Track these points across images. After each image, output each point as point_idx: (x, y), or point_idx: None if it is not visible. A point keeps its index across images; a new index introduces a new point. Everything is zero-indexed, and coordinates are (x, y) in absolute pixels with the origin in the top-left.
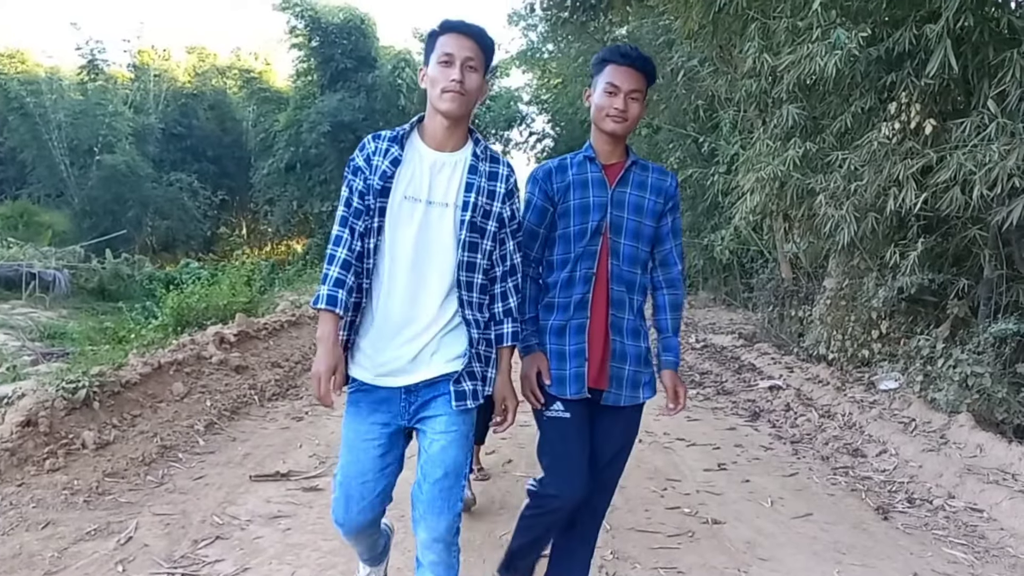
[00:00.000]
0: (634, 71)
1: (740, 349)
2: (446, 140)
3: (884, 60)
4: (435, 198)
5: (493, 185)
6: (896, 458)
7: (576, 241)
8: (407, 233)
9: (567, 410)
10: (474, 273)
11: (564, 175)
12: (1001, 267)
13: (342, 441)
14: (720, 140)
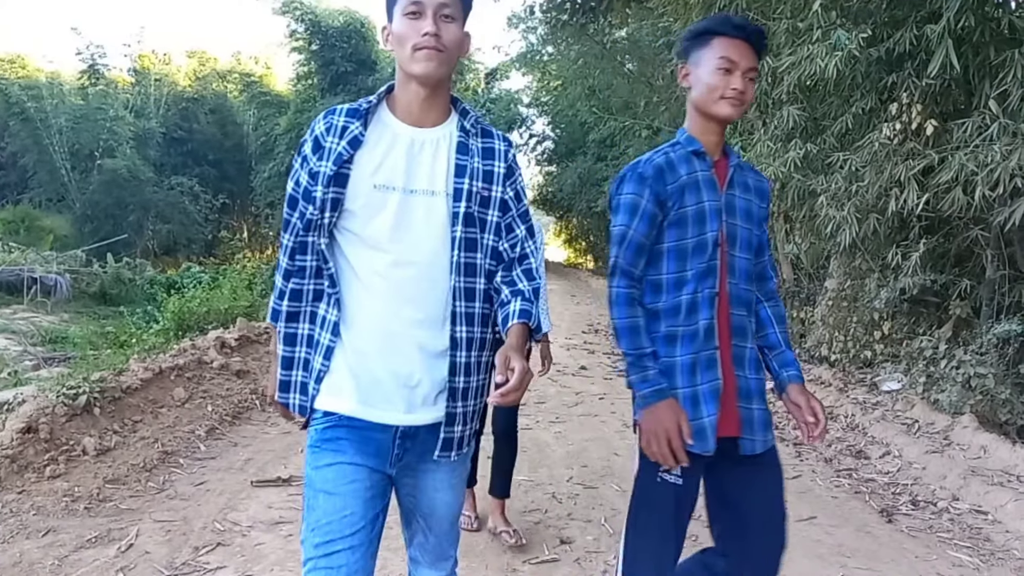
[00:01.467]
0: (749, 46)
1: None
2: (424, 113)
3: (885, 61)
4: (416, 185)
5: (490, 165)
6: (899, 460)
7: (695, 256)
8: (381, 226)
9: (682, 474)
10: (475, 278)
11: (675, 173)
12: (1003, 267)
13: (311, 488)
14: None
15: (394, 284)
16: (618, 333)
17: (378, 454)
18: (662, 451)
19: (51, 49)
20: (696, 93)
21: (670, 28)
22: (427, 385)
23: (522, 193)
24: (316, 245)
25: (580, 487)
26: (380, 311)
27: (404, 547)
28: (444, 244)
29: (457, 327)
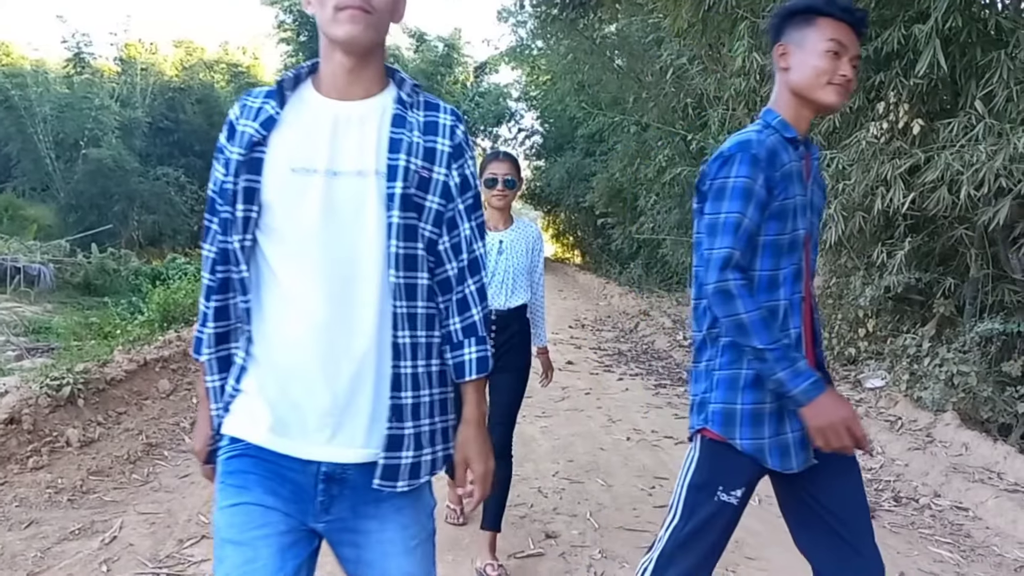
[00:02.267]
0: (853, 31)
1: None
2: (351, 84)
3: (873, 60)
4: (341, 166)
5: (432, 141)
6: (882, 457)
7: (789, 255)
8: (303, 218)
9: (742, 493)
10: (416, 272)
11: (781, 159)
12: (987, 266)
13: (217, 536)
14: (709, 138)
15: (319, 285)
16: (749, 329)
17: (296, 498)
18: (843, 443)
19: (36, 37)
20: (798, 76)
21: (659, 24)
22: (362, 410)
23: (472, 180)
24: (237, 251)
25: (566, 482)
26: (302, 318)
27: None
28: (378, 234)
29: (399, 332)
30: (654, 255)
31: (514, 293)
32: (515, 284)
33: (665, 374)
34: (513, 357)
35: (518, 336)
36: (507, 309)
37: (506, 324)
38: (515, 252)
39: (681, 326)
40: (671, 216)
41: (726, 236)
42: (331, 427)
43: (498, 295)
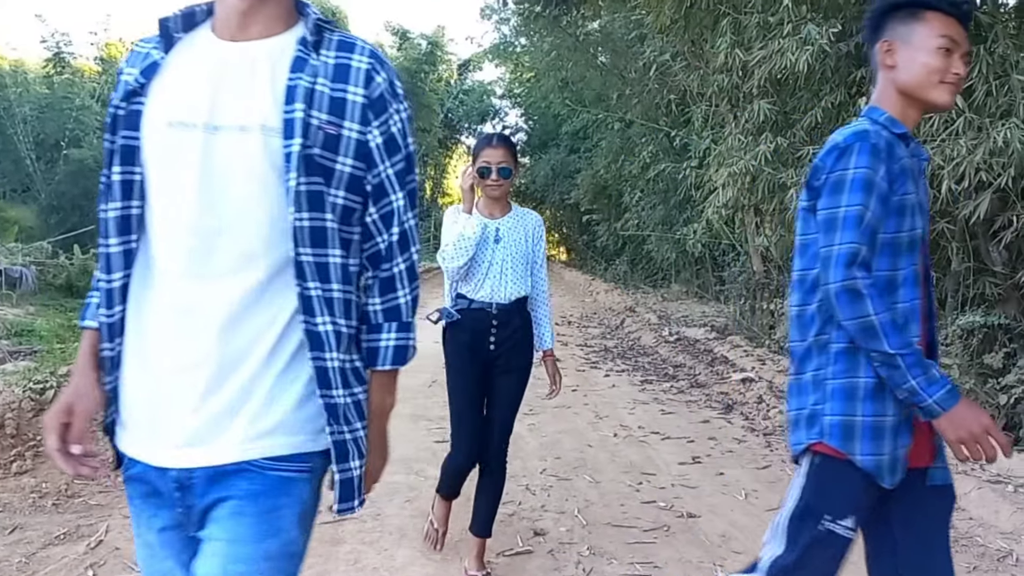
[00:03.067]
0: (960, 26)
1: (713, 342)
2: (247, 22)
3: (854, 55)
4: (223, 119)
5: (340, 90)
6: None
7: (908, 254)
8: (176, 182)
9: (853, 525)
10: (326, 248)
11: (897, 152)
12: (968, 260)
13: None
14: (692, 135)
15: (186, 264)
16: (879, 332)
17: (172, 512)
18: (989, 454)
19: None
20: (907, 75)
21: (643, 21)
22: (220, 399)
23: (402, 140)
24: (113, 222)
25: (554, 479)
26: (163, 302)
27: (379, 540)
28: (267, 202)
29: (319, 318)
30: (639, 251)
31: (514, 284)
32: (514, 274)
33: (651, 370)
34: (515, 356)
35: (520, 332)
36: (508, 302)
37: (507, 319)
38: (513, 240)
39: (666, 321)
40: (655, 212)
41: (849, 231)
42: (187, 428)
43: (497, 287)
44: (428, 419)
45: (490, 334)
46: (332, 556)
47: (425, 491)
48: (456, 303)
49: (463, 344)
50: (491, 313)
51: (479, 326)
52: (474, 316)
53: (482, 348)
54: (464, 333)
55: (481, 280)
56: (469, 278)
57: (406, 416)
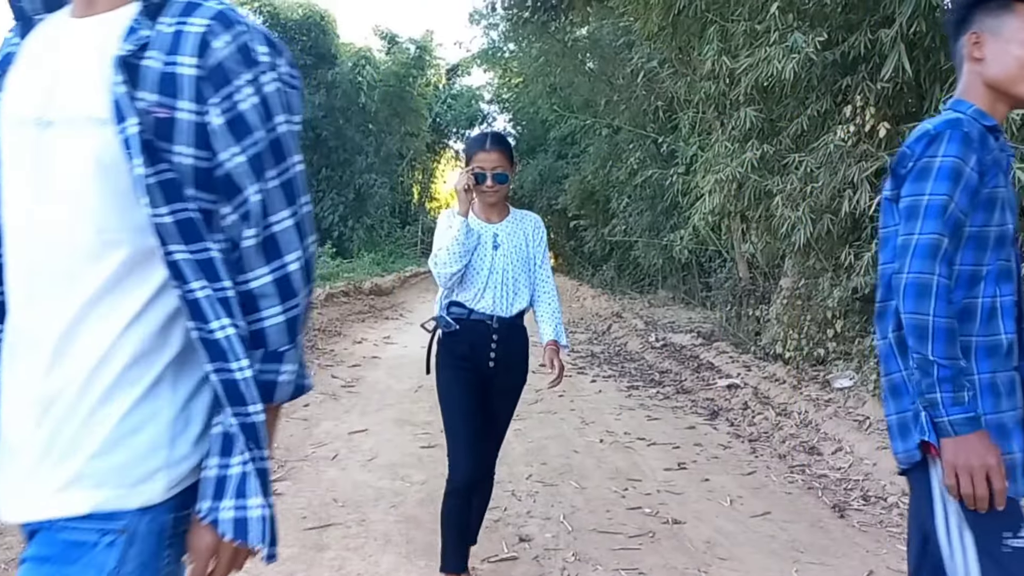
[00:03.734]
0: None
1: (699, 348)
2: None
3: (840, 64)
4: (54, 112)
5: (172, 63)
6: (851, 456)
7: (996, 249)
8: (13, 187)
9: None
10: (203, 241)
11: (989, 143)
12: None
13: None
14: (679, 141)
15: (20, 279)
16: (930, 335)
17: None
18: (980, 492)
19: None
20: (996, 69)
21: (630, 28)
22: (36, 442)
23: (259, 119)
24: None
25: (539, 485)
26: (10, 327)
27: (364, 546)
28: (107, 205)
29: (215, 323)
30: (626, 257)
31: (517, 296)
32: (516, 284)
33: (638, 376)
34: (513, 375)
35: (520, 350)
36: (509, 316)
37: (508, 334)
38: (514, 246)
39: (652, 327)
40: (643, 218)
41: (931, 220)
42: (10, 479)
43: (500, 299)
44: (413, 424)
45: (490, 349)
46: (316, 562)
47: (411, 496)
48: (452, 312)
49: (461, 357)
50: (492, 327)
51: (479, 339)
52: (473, 328)
53: (480, 363)
54: (462, 345)
55: (481, 289)
56: (467, 286)
57: (391, 421)
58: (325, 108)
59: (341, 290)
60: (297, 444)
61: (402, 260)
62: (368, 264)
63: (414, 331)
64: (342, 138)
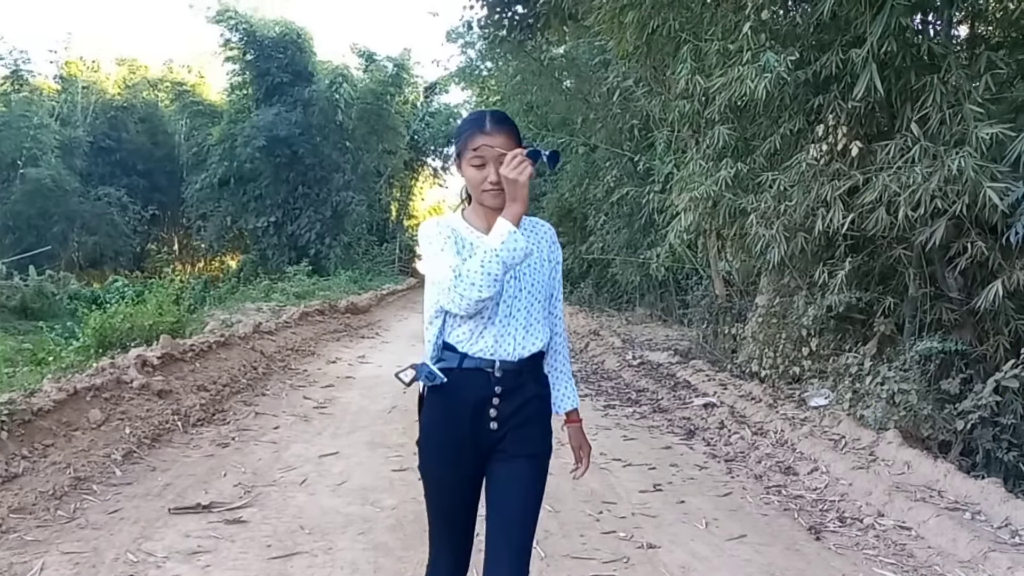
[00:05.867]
0: None
1: (676, 366)
2: None
3: (812, 83)
4: None
5: None
6: (827, 476)
7: None
8: None
9: None
10: None
11: None
12: (925, 285)
13: None
14: (655, 159)
15: None
16: None
17: None
18: None
19: None
20: None
21: (606, 47)
22: None
23: None
24: None
25: None
26: None
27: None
28: None
29: None
30: (604, 274)
31: (530, 333)
32: (529, 316)
33: (614, 394)
34: (528, 439)
35: (536, 404)
36: (518, 360)
37: (518, 384)
38: (528, 265)
39: (630, 345)
40: (620, 236)
41: None
42: None
43: (504, 337)
44: (386, 446)
45: (490, 407)
46: None
47: (380, 523)
48: (441, 359)
49: (450, 421)
50: (493, 376)
51: (475, 395)
52: (468, 380)
53: (479, 427)
54: (452, 405)
55: (480, 325)
56: (460, 319)
57: (363, 443)
58: (302, 126)
59: (316, 309)
60: (265, 468)
61: (380, 278)
62: (345, 282)
63: (389, 350)
64: (319, 155)
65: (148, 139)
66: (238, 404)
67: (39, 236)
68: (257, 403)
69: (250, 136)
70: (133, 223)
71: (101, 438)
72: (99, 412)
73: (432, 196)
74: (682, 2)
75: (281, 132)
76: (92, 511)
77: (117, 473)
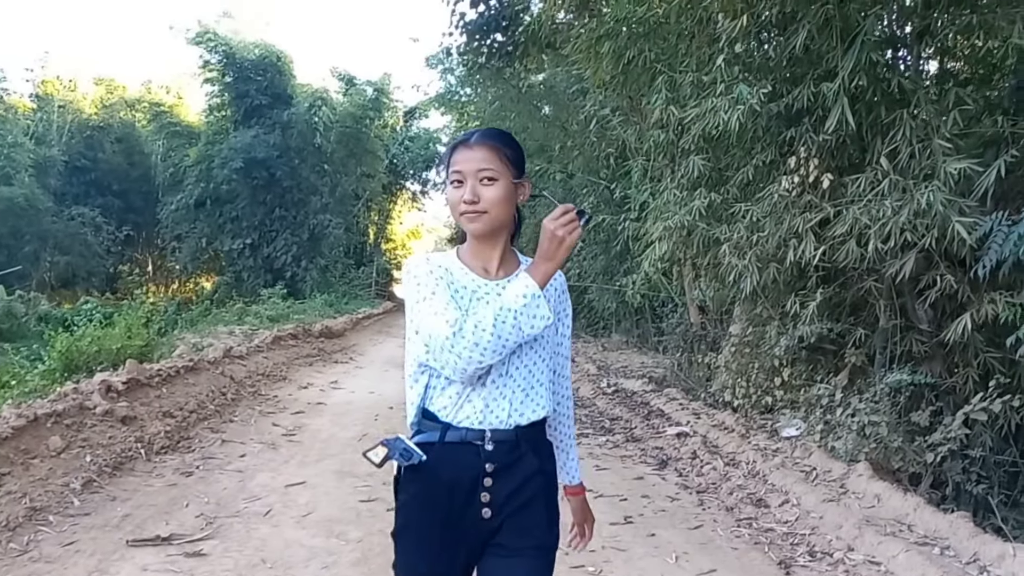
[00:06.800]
0: None
1: (650, 394)
2: None
3: (784, 116)
4: None
5: None
6: (798, 508)
7: None
8: None
9: None
10: None
11: None
12: (895, 317)
13: None
14: (631, 187)
15: None
16: None
17: None
18: None
19: None
20: None
21: (584, 75)
22: None
23: None
24: None
25: None
26: None
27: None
28: None
29: None
30: (581, 301)
31: (530, 396)
32: (532, 377)
33: (588, 423)
34: (533, 528)
35: (539, 481)
36: (514, 428)
37: (514, 458)
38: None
39: (605, 372)
40: (596, 263)
41: None
42: None
43: (498, 400)
44: (355, 476)
45: (481, 489)
46: None
47: (344, 556)
48: (419, 430)
49: (432, 509)
50: (483, 450)
51: (461, 475)
52: (452, 457)
53: (468, 516)
54: (433, 488)
55: (467, 387)
56: (449, 380)
57: (332, 473)
58: (280, 148)
59: (290, 332)
60: (229, 498)
61: (356, 301)
62: (320, 305)
63: (363, 375)
64: (297, 178)
65: (124, 159)
66: (204, 431)
67: (10, 255)
68: (224, 430)
69: (228, 158)
70: (107, 243)
71: (60, 466)
72: (59, 439)
73: (410, 220)
74: (658, 34)
75: (259, 154)
76: (47, 543)
77: (75, 503)
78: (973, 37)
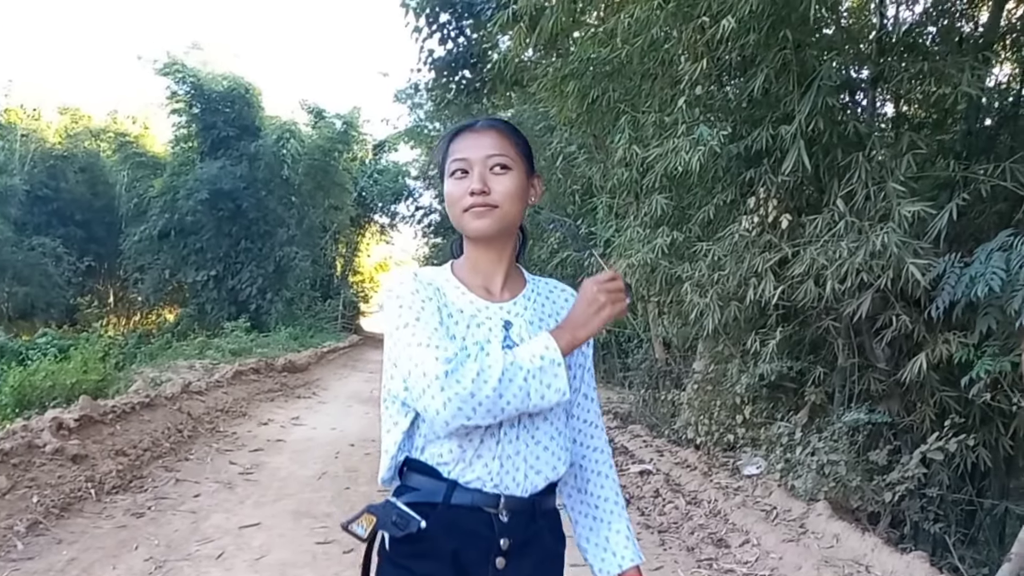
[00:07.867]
0: None
1: (614, 431)
2: None
3: (744, 157)
4: None
5: None
6: (758, 548)
7: None
8: None
9: None
10: None
11: None
12: (854, 356)
13: None
14: (596, 224)
15: None
16: None
17: None
18: None
19: None
20: None
21: (550, 113)
22: None
23: None
24: None
25: None
26: None
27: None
28: None
29: None
30: None
31: (550, 452)
32: (553, 429)
33: None
34: None
35: (550, 552)
36: (530, 496)
37: (531, 534)
38: None
39: None
40: None
41: None
42: None
43: (513, 459)
44: (312, 516)
45: (492, 570)
46: None
47: None
48: (413, 488)
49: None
50: (499, 522)
51: (468, 550)
52: (459, 525)
53: None
54: (433, 562)
55: (477, 438)
56: (451, 434)
57: (288, 513)
58: (247, 179)
59: (251, 367)
60: (181, 540)
61: (321, 334)
62: (284, 338)
63: (325, 411)
64: (263, 210)
65: (88, 189)
66: (158, 470)
67: None
68: (179, 468)
69: (193, 188)
70: (67, 274)
71: (4, 507)
72: (5, 479)
73: (378, 253)
74: (622, 74)
75: (225, 185)
76: None
77: (19, 546)
78: (926, 83)
